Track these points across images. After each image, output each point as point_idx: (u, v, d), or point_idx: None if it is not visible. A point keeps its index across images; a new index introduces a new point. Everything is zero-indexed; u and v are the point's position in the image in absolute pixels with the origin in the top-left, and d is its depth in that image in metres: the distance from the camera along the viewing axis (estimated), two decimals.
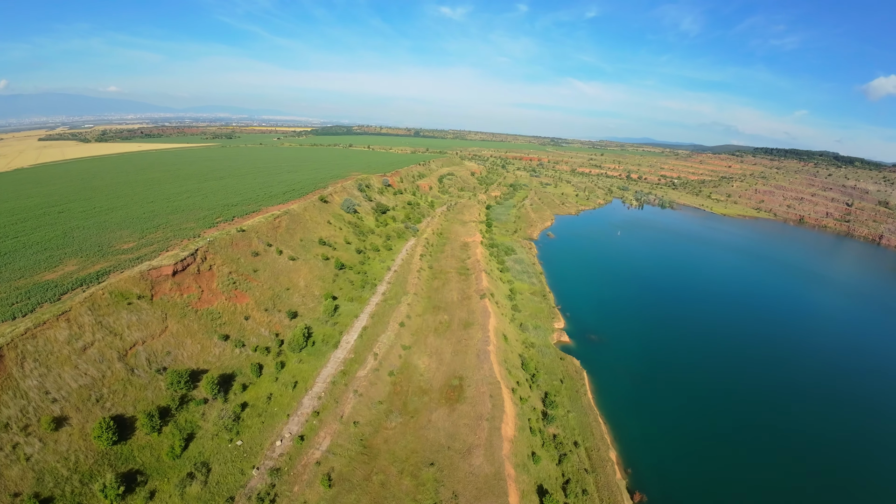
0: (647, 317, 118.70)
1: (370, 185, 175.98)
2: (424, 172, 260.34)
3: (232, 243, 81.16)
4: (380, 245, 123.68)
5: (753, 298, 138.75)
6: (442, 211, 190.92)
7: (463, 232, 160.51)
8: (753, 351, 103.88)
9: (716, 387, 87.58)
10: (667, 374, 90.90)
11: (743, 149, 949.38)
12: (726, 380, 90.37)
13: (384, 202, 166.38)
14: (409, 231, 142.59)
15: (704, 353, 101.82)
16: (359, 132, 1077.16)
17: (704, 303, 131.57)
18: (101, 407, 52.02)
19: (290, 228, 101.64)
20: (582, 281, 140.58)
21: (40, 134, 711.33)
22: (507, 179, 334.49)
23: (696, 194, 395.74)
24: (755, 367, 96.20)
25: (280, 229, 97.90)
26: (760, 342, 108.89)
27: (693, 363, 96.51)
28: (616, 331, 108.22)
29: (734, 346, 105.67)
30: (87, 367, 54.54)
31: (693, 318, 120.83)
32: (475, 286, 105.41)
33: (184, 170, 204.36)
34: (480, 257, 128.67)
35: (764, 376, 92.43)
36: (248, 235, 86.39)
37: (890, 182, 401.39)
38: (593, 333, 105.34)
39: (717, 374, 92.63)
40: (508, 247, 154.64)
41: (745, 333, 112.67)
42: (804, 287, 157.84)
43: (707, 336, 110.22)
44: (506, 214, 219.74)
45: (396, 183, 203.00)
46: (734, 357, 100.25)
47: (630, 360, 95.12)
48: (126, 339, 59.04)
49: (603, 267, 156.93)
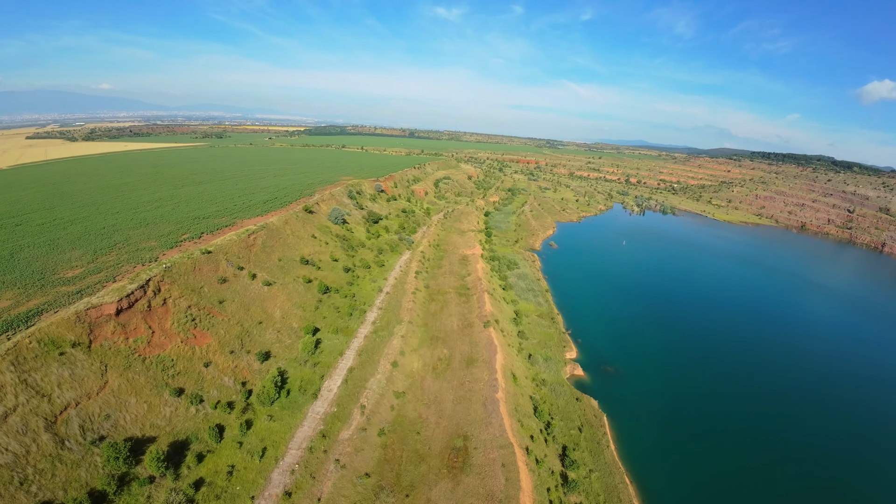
0: (663, 340, 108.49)
1: (361, 191, 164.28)
2: (420, 176, 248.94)
3: (194, 269, 69.28)
4: (371, 261, 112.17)
5: (771, 317, 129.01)
6: (439, 219, 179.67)
7: (461, 243, 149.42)
8: (782, 377, 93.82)
9: (749, 424, 77.38)
10: (692, 410, 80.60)
11: (737, 152, 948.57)
12: (759, 415, 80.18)
13: (376, 210, 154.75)
14: (404, 243, 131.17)
15: (730, 381, 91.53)
16: (353, 132, 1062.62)
17: (718, 322, 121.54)
18: (25, 492, 40.54)
19: (268, 246, 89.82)
20: (590, 299, 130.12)
21: (29, 132, 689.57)
22: (506, 184, 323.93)
23: (697, 199, 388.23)
24: (788, 397, 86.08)
25: (255, 248, 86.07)
26: (787, 366, 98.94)
27: (719, 393, 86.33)
28: (632, 359, 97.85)
29: (761, 372, 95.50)
30: (8, 440, 42.87)
31: (710, 339, 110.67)
32: (477, 310, 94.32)
33: (163, 173, 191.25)
34: (481, 274, 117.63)
35: (803, 407, 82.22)
36: (214, 258, 74.53)
37: (889, 188, 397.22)
38: (609, 364, 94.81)
39: (749, 407, 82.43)
40: (511, 260, 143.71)
41: (769, 357, 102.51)
42: (824, 305, 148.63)
43: (729, 361, 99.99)
44: (505, 222, 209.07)
45: (390, 188, 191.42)
46: (763, 386, 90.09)
47: (651, 395, 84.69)
48: (56, 402, 47.27)
49: (611, 281, 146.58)
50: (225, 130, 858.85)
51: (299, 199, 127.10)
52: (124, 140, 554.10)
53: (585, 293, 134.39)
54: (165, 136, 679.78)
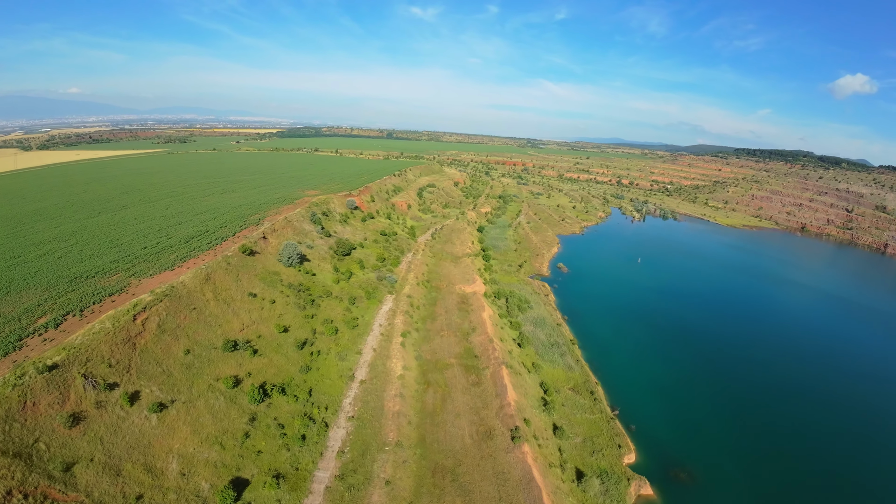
0: (735, 412, 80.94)
1: (329, 210, 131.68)
2: (401, 185, 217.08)
3: (23, 407, 36.57)
4: (339, 319, 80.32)
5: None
6: (426, 240, 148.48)
7: (457, 275, 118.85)
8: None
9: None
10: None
11: (716, 149, 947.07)
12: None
13: (348, 236, 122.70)
14: (384, 284, 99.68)
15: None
16: (328, 134, 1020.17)
17: (795, 372, 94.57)
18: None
19: (169, 331, 57.18)
20: (625, 348, 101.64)
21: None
22: (495, 190, 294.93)
23: (693, 201, 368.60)
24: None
25: (144, 339, 53.44)
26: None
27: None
28: (704, 449, 70.13)
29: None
30: None
31: (801, 401, 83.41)
32: (496, 404, 63.91)
33: (92, 191, 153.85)
34: (490, 327, 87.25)
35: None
36: (63, 377, 41.90)
37: (881, 184, 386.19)
38: (679, 465, 66.29)
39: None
40: (521, 297, 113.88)
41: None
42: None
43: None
44: (502, 238, 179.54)
45: (366, 203, 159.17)
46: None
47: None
48: None
49: (640, 316, 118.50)
50: (192, 134, 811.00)
51: (240, 232, 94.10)
52: (82, 147, 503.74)
53: (616, 338, 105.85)
54: (127, 142, 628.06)
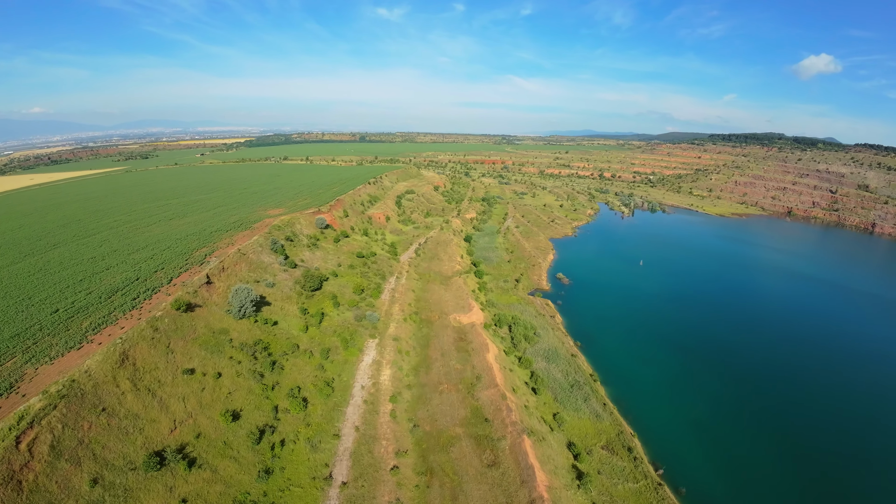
0: (794, 448, 67.42)
1: (295, 234, 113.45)
2: (377, 194, 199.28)
3: None
4: (309, 385, 63.08)
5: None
6: (409, 258, 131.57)
7: (449, 301, 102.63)
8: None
9: None
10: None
11: (681, 135, 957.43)
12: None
13: (319, 263, 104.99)
14: (365, 325, 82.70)
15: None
16: (298, 140, 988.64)
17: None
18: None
19: (67, 455, 39.25)
20: (651, 378, 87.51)
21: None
22: (478, 192, 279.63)
23: (677, 191, 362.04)
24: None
25: (32, 473, 35.59)
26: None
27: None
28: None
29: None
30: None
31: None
32: (524, 499, 48.02)
33: (27, 227, 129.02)
34: (498, 373, 71.41)
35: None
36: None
37: (859, 163, 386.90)
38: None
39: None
40: (525, 323, 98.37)
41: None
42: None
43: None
44: (493, 248, 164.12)
45: (339, 220, 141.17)
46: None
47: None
48: None
49: (662, 336, 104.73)
50: (156, 149, 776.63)
51: (179, 277, 75.50)
52: (39, 170, 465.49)
53: (638, 365, 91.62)
54: (87, 161, 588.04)
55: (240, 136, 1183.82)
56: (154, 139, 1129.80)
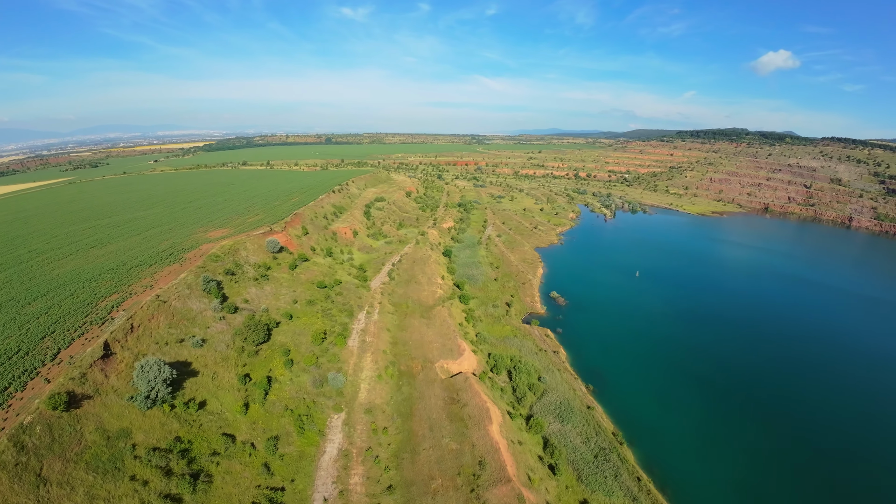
0: None
1: (239, 264, 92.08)
2: (343, 204, 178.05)
3: None
4: (248, 501, 43.37)
5: None
6: (382, 284, 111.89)
7: (434, 341, 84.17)
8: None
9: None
10: None
11: (645, 132, 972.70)
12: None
13: (270, 302, 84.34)
14: (326, 395, 63.10)
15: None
16: (261, 143, 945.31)
17: None
18: None
19: None
20: (685, 432, 71.93)
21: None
22: (453, 197, 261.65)
23: (654, 190, 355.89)
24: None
25: None
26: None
27: None
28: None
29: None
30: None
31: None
32: None
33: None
34: (508, 456, 53.62)
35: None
36: None
37: (828, 157, 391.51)
38: None
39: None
40: (527, 366, 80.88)
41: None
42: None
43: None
44: (476, 263, 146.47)
45: (296, 240, 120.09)
46: None
47: None
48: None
49: (680, 367, 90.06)
50: (109, 156, 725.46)
51: (71, 346, 53.88)
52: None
53: (663, 415, 76.04)
54: (35, 171, 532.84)
55: (200, 140, 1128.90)
56: (111, 145, 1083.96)
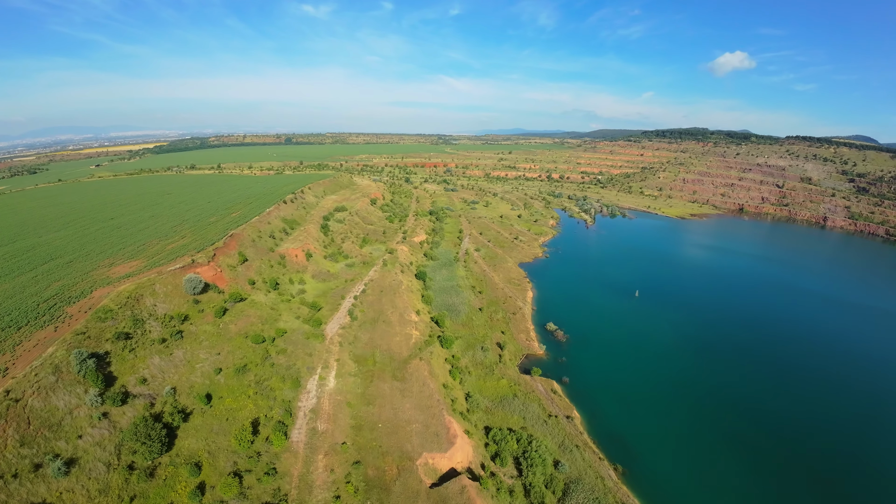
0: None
1: (140, 319, 66.29)
2: (296, 217, 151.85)
3: None
4: None
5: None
6: (341, 327, 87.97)
7: (413, 421, 61.76)
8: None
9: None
10: None
11: (608, 132, 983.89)
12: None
13: (179, 378, 59.36)
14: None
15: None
16: (216, 144, 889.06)
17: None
18: None
19: None
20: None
21: None
22: (422, 203, 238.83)
23: (629, 192, 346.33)
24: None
25: None
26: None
27: None
28: None
29: None
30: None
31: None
32: None
33: None
34: None
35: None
36: None
37: (795, 155, 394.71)
38: None
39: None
40: (540, 450, 59.59)
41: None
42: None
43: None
44: (454, 287, 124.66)
45: (229, 273, 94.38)
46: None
47: None
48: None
49: (716, 427, 71.74)
50: (52, 160, 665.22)
51: None
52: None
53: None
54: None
55: (154, 141, 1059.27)
56: (60, 147, 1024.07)
